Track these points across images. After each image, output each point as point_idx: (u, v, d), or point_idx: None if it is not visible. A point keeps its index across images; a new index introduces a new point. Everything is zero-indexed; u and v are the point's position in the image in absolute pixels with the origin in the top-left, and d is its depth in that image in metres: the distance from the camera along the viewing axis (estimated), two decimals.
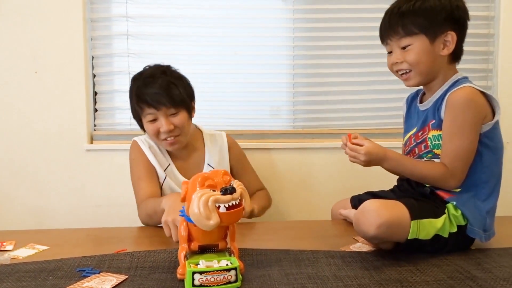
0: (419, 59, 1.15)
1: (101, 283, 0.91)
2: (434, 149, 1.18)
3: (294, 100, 1.99)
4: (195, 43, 1.93)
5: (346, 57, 1.97)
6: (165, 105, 1.34)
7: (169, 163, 1.48)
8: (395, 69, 1.22)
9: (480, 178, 1.14)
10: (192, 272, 0.88)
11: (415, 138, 1.24)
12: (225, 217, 0.89)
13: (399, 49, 1.18)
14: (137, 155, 1.46)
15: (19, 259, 1.08)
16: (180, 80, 1.41)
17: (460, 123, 1.11)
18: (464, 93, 1.12)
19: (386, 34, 1.21)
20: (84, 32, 1.86)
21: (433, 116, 1.19)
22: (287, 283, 0.92)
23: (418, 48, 1.15)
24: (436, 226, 1.08)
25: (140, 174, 1.43)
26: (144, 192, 1.38)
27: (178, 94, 1.36)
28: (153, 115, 1.36)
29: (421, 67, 1.16)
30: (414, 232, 1.05)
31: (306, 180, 1.97)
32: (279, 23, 1.96)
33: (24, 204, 1.90)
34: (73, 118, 1.88)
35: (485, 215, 1.12)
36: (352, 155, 1.16)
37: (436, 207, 1.12)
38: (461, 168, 1.12)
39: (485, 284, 0.91)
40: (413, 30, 1.15)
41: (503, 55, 1.95)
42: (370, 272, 0.98)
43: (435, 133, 1.18)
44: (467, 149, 1.12)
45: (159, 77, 1.36)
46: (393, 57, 1.20)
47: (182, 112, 1.38)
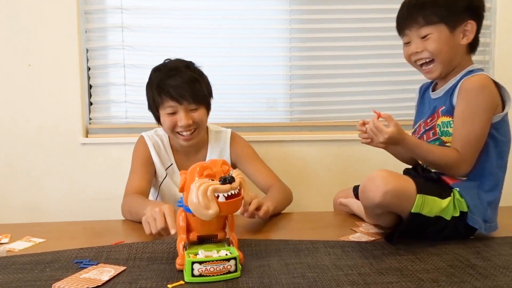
0: (440, 48, 1.15)
1: (99, 274, 0.90)
2: (442, 136, 1.18)
3: (291, 93, 1.99)
4: (191, 35, 1.92)
5: (342, 49, 1.96)
6: (187, 99, 1.33)
7: (171, 163, 1.47)
8: (414, 59, 1.20)
9: (485, 168, 1.15)
10: (192, 262, 0.87)
11: (424, 125, 1.24)
12: (224, 207, 0.88)
13: (419, 38, 1.17)
14: (141, 149, 1.46)
15: (15, 252, 1.06)
16: (202, 76, 1.40)
17: (472, 108, 1.11)
18: (479, 79, 1.12)
19: (404, 24, 1.19)
20: (78, 24, 1.83)
21: (444, 102, 1.18)
22: (287, 273, 0.91)
23: (438, 37, 1.14)
24: (441, 205, 1.08)
25: (136, 167, 1.43)
26: (132, 184, 1.38)
27: (200, 90, 1.36)
28: (173, 108, 1.34)
29: (443, 56, 1.16)
30: (418, 206, 1.05)
31: (303, 173, 1.96)
32: (276, 15, 1.95)
33: (19, 199, 1.88)
34: (68, 112, 1.86)
35: (486, 205, 1.13)
36: (374, 132, 1.10)
37: (442, 189, 1.12)
38: (471, 153, 1.13)
39: (485, 272, 0.92)
40: (433, 19, 1.14)
41: (499, 46, 1.95)
42: (370, 261, 0.98)
43: (445, 119, 1.17)
44: (478, 134, 1.12)
45: (183, 71, 1.34)
46: (412, 47, 1.19)
47: (202, 108, 1.38)
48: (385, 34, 1.94)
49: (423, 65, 1.20)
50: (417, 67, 1.22)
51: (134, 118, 1.94)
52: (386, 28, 1.94)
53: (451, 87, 1.18)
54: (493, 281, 0.87)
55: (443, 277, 0.89)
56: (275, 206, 1.27)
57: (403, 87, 1.96)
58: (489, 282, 0.87)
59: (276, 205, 1.28)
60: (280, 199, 1.35)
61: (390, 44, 1.94)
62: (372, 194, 1.04)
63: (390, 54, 1.96)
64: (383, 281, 0.88)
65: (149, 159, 1.45)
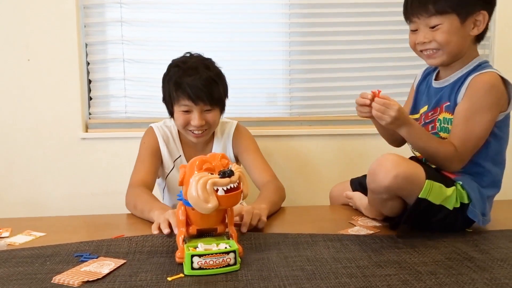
0: (449, 39, 1.11)
1: (99, 267, 0.91)
2: (440, 131, 1.17)
3: (291, 87, 1.99)
4: (190, 29, 1.91)
5: (342, 44, 1.96)
6: (203, 100, 1.33)
7: (180, 155, 1.48)
8: (420, 49, 1.17)
9: (484, 166, 1.14)
10: (191, 255, 0.87)
11: (425, 117, 1.22)
12: (224, 200, 0.88)
13: (427, 28, 1.12)
14: (149, 140, 1.46)
15: (16, 246, 1.07)
16: (220, 77, 1.39)
17: (478, 107, 1.10)
18: (489, 78, 1.10)
19: (413, 12, 1.14)
20: (77, 19, 1.83)
21: (449, 98, 1.16)
22: (286, 265, 0.92)
23: (448, 28, 1.10)
24: (446, 194, 1.08)
25: (144, 157, 1.43)
26: (138, 175, 1.38)
27: (217, 92, 1.35)
28: (188, 107, 1.34)
29: (450, 47, 1.12)
30: (426, 191, 1.05)
31: (303, 167, 1.97)
32: (275, 9, 1.94)
33: (19, 194, 1.89)
34: (68, 107, 1.86)
35: (485, 199, 1.13)
36: (381, 110, 1.07)
37: (448, 178, 1.12)
38: (468, 152, 1.12)
39: (483, 265, 0.92)
40: (445, 9, 1.09)
41: (499, 41, 1.95)
42: (369, 254, 0.98)
43: (447, 115, 1.16)
44: (479, 135, 1.11)
45: (203, 71, 1.33)
46: (419, 36, 1.14)
47: (216, 109, 1.38)
48: (385, 28, 1.94)
49: (428, 53, 1.16)
50: (421, 54, 1.19)
51: (133, 112, 1.94)
52: (386, 22, 1.94)
53: (458, 80, 1.16)
54: (490, 273, 0.88)
55: (441, 269, 0.90)
56: (269, 209, 1.24)
57: (403, 81, 1.96)
58: (487, 275, 0.87)
59: (270, 207, 1.26)
60: (274, 200, 1.32)
61: (390, 38, 1.94)
62: (382, 177, 1.03)
63: (390, 48, 1.96)
64: (382, 273, 0.88)
65: (157, 150, 1.46)
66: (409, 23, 1.18)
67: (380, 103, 1.08)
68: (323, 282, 0.84)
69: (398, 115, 1.07)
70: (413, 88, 1.34)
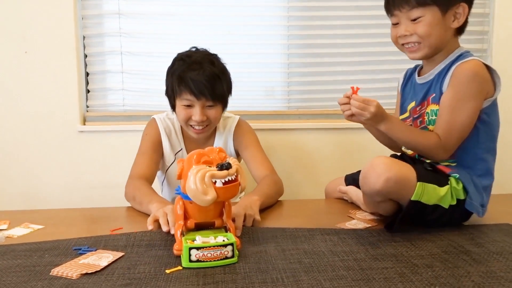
0: (430, 32, 1.11)
1: (97, 260, 0.91)
2: (429, 125, 1.17)
3: (289, 81, 1.98)
4: (188, 22, 1.91)
5: (341, 37, 1.96)
6: (205, 96, 1.32)
7: (181, 148, 1.48)
8: (401, 42, 1.17)
9: (476, 153, 1.14)
10: (189, 248, 0.88)
11: (413, 113, 1.23)
12: (222, 192, 0.89)
13: (409, 21, 1.13)
14: (151, 132, 1.46)
15: (14, 238, 1.07)
16: (225, 74, 1.38)
17: (462, 96, 1.09)
18: (471, 66, 1.10)
19: (394, 4, 1.14)
20: (74, 11, 1.82)
21: (434, 89, 1.16)
22: (284, 258, 0.93)
23: (430, 20, 1.11)
24: (439, 194, 1.08)
25: (145, 149, 1.43)
26: (139, 167, 1.38)
27: (220, 88, 1.34)
28: (190, 102, 1.34)
29: (431, 40, 1.13)
30: (418, 193, 1.05)
31: (301, 161, 1.97)
32: (274, 3, 1.94)
33: (17, 186, 1.89)
34: (65, 99, 1.86)
35: (482, 190, 1.13)
36: (361, 106, 1.08)
37: (441, 177, 1.12)
38: (454, 142, 1.12)
39: (479, 258, 0.93)
40: (426, 1, 1.10)
41: (497, 34, 1.95)
42: (366, 248, 0.99)
43: (434, 107, 1.16)
44: (464, 124, 1.11)
45: (207, 67, 1.32)
46: (401, 29, 1.15)
47: (218, 106, 1.38)
48: (383, 22, 1.91)
49: (410, 46, 1.16)
50: (402, 48, 1.19)
51: (131, 105, 1.94)
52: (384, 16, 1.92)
53: (441, 72, 1.16)
54: (486, 266, 0.89)
55: (437, 262, 0.91)
56: (262, 201, 1.23)
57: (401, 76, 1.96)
58: (482, 268, 0.88)
59: (264, 200, 1.24)
60: (269, 193, 1.30)
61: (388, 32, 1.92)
62: (374, 181, 1.03)
63: (388, 42, 1.93)
64: (378, 266, 0.89)
65: (159, 143, 1.45)
66: (390, 17, 1.18)
67: (360, 100, 1.08)
68: (321, 275, 0.85)
69: (377, 111, 1.08)
70: (398, 92, 1.34)
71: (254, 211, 1.15)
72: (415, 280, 0.82)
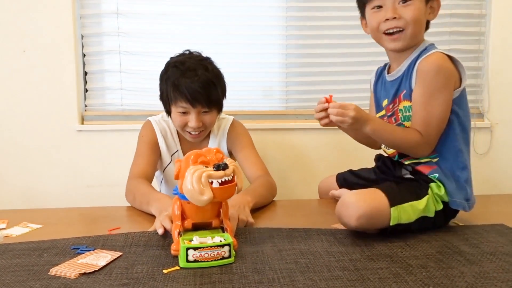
0: (417, 18, 1.10)
1: (95, 259, 0.92)
2: (404, 121, 1.16)
3: (287, 81, 1.99)
4: (186, 22, 1.91)
5: (339, 38, 1.96)
6: (201, 103, 1.33)
7: (177, 149, 1.49)
8: (385, 28, 1.12)
9: (454, 146, 1.14)
10: (186, 248, 0.89)
11: (386, 111, 1.22)
12: (218, 193, 0.90)
13: (396, 3, 1.10)
14: (147, 134, 1.47)
15: (13, 238, 1.08)
16: (219, 78, 1.38)
17: (431, 90, 1.09)
18: (434, 59, 1.09)
19: None
20: (73, 10, 1.83)
21: (404, 86, 1.15)
22: (280, 258, 0.94)
23: (419, 5, 1.10)
24: (419, 207, 1.08)
25: (142, 151, 1.44)
26: (137, 168, 1.39)
27: (215, 94, 1.35)
28: (185, 109, 1.34)
29: (415, 28, 1.11)
30: (396, 218, 1.05)
31: (298, 160, 1.98)
32: (272, 3, 1.94)
33: (15, 185, 1.89)
34: (63, 98, 1.86)
35: (464, 184, 1.13)
36: (340, 113, 1.06)
37: (419, 188, 1.12)
38: (434, 135, 1.11)
39: (473, 258, 0.94)
40: None
41: (494, 35, 1.96)
42: (361, 248, 1.00)
43: (406, 103, 1.15)
44: (439, 116, 1.10)
45: (201, 73, 1.32)
46: (387, 12, 1.11)
47: (214, 111, 1.38)
48: None
49: (393, 34, 1.12)
50: (384, 36, 1.14)
51: (129, 105, 1.94)
52: None
53: (408, 68, 1.15)
54: (480, 267, 0.90)
55: (432, 263, 0.92)
56: (255, 201, 1.23)
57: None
58: (476, 268, 0.89)
59: (257, 200, 1.25)
60: (262, 193, 1.31)
61: None
62: (347, 220, 1.04)
63: None
64: (373, 266, 0.90)
65: (155, 144, 1.46)
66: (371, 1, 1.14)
67: (336, 106, 1.06)
68: (316, 275, 0.86)
69: (357, 114, 1.06)
70: (371, 90, 1.33)
71: (246, 214, 1.15)
72: (409, 281, 0.83)
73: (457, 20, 1.96)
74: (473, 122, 1.91)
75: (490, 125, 1.98)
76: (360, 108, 1.08)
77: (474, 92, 2.00)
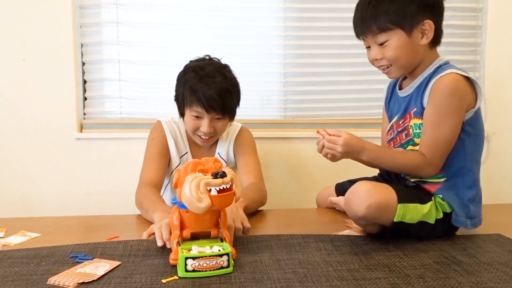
0: (398, 55, 1.12)
1: (94, 269, 0.92)
2: (415, 137, 1.17)
3: (285, 90, 2.01)
4: (185, 31, 1.93)
5: (337, 47, 1.98)
6: (215, 110, 1.34)
7: (186, 151, 1.49)
8: (376, 65, 1.19)
9: (464, 166, 1.14)
10: (185, 258, 0.89)
11: (397, 127, 1.23)
12: (216, 200, 0.90)
13: (377, 45, 1.14)
14: (157, 136, 1.47)
15: (11, 246, 1.08)
16: (235, 87, 1.40)
17: (443, 112, 1.10)
18: (450, 81, 1.09)
19: (360, 32, 1.17)
20: (73, 19, 1.84)
21: (415, 103, 1.17)
22: (279, 268, 0.94)
23: (396, 44, 1.11)
24: (422, 211, 1.09)
25: (153, 155, 1.44)
26: (147, 173, 1.39)
27: (230, 102, 1.36)
28: (199, 113, 1.36)
29: (401, 62, 1.14)
30: (400, 215, 1.06)
31: (296, 169, 1.99)
32: (270, 13, 1.96)
33: (13, 193, 1.89)
34: (62, 107, 1.87)
35: (467, 202, 1.14)
36: (330, 147, 1.11)
37: (423, 195, 1.14)
38: (439, 157, 1.12)
39: (470, 268, 0.95)
40: (387, 26, 1.11)
41: (490, 46, 1.98)
42: (359, 257, 1.00)
43: (417, 121, 1.16)
44: (447, 138, 1.11)
45: (219, 81, 1.33)
46: (372, 54, 1.17)
47: (226, 118, 1.40)
48: None
49: (384, 69, 1.18)
50: (380, 69, 1.20)
51: (128, 113, 1.95)
52: None
53: (420, 85, 1.16)
54: (477, 277, 0.90)
55: (429, 273, 0.92)
56: (247, 204, 1.24)
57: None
58: (473, 278, 0.90)
59: (248, 203, 1.25)
60: (253, 198, 1.32)
61: None
62: (356, 208, 1.05)
63: None
64: (372, 276, 0.90)
65: (166, 146, 1.46)
66: (362, 41, 1.20)
67: (328, 140, 1.10)
68: (315, 285, 0.86)
69: (346, 149, 1.09)
70: (385, 104, 1.35)
71: (241, 217, 1.14)
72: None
73: (453, 31, 1.99)
74: None
75: (486, 135, 1.99)
76: (351, 140, 1.10)
77: None
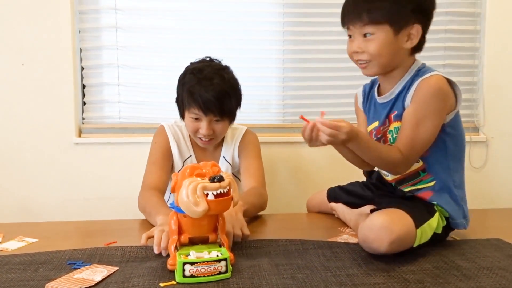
0: (381, 51, 1.10)
1: (92, 275, 0.91)
2: (393, 143, 1.16)
3: (284, 94, 2.01)
4: (184, 36, 1.93)
5: (336, 52, 1.98)
6: (213, 112, 1.34)
7: (190, 155, 1.49)
8: (354, 58, 1.15)
9: (449, 166, 1.15)
10: (183, 263, 0.88)
11: (376, 133, 1.22)
12: (214, 205, 0.90)
13: (361, 36, 1.11)
14: (160, 140, 1.47)
15: (8, 252, 1.07)
16: (234, 89, 1.39)
17: (425, 113, 1.09)
18: (435, 82, 1.09)
19: (348, 19, 1.13)
20: (72, 24, 1.84)
21: (396, 107, 1.15)
22: (277, 273, 0.93)
23: (381, 39, 1.09)
24: (433, 226, 1.09)
25: (156, 159, 1.44)
26: (151, 177, 1.39)
27: (228, 105, 1.36)
28: (198, 115, 1.36)
29: (382, 60, 1.11)
30: (418, 239, 1.04)
31: (295, 174, 1.98)
32: (269, 18, 1.97)
33: (12, 198, 1.88)
34: (61, 111, 1.87)
35: (461, 203, 1.14)
36: (333, 134, 1.01)
37: (428, 206, 1.13)
38: (414, 156, 1.12)
39: (469, 273, 0.94)
40: (378, 18, 1.08)
41: (488, 51, 1.99)
42: (358, 263, 1.00)
43: (397, 125, 1.15)
44: (425, 140, 1.10)
45: (217, 83, 1.33)
46: (354, 45, 1.13)
47: (226, 120, 1.40)
48: None
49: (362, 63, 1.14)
50: (356, 63, 1.17)
51: (127, 118, 1.95)
52: None
53: (402, 90, 1.15)
54: (476, 282, 0.90)
55: (428, 278, 0.92)
56: (247, 208, 1.23)
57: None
58: (472, 283, 0.89)
59: (248, 207, 1.25)
60: (253, 202, 1.32)
61: None
62: (377, 246, 1.00)
63: None
64: (370, 282, 0.90)
65: (169, 150, 1.46)
66: (346, 29, 1.16)
67: (331, 126, 1.01)
68: None
69: (348, 136, 1.01)
70: (359, 109, 1.32)
71: (241, 223, 1.14)
72: None
73: (451, 35, 1.99)
74: (469, 136, 1.93)
75: (485, 139, 1.99)
76: (352, 126, 1.04)
77: (469, 107, 2.02)
